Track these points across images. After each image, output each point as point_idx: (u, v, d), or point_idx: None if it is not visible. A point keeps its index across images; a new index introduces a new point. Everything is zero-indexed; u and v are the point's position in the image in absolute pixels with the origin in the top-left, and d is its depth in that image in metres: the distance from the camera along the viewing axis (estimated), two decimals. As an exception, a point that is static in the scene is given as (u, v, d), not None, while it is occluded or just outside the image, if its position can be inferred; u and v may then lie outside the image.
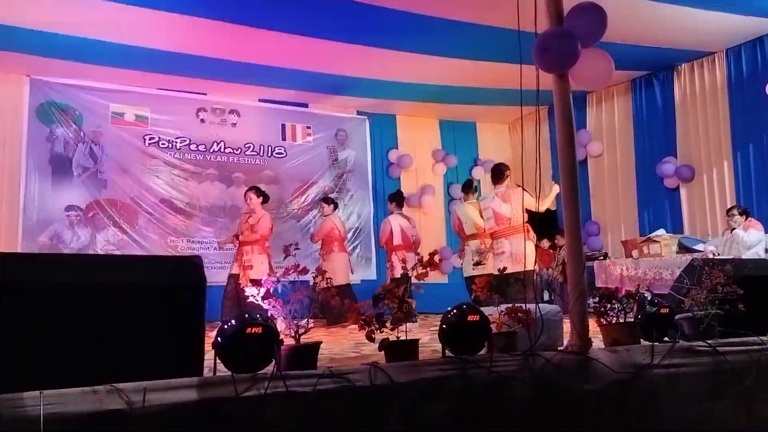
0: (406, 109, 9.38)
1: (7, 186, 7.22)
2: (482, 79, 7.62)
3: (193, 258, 2.50)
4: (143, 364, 2.28)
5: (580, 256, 3.00)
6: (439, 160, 9.74)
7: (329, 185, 9.14)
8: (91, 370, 2.21)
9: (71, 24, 6.12)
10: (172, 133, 8.20)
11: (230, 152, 8.54)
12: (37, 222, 7.32)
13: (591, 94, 8.88)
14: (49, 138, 7.54)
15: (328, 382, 2.50)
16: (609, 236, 8.60)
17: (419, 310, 6.55)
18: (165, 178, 8.09)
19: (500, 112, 9.34)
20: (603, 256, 7.71)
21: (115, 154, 7.83)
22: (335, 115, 9.31)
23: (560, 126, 3.01)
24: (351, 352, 4.14)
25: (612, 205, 8.67)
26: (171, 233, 7.99)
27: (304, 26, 6.37)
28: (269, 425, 2.34)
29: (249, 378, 2.38)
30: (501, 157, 9.98)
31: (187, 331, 2.42)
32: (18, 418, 1.94)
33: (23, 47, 6.60)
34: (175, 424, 2.17)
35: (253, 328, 2.42)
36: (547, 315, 3.05)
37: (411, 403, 2.59)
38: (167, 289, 2.38)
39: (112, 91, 7.84)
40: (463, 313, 2.81)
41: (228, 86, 8.11)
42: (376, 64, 7.33)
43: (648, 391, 2.96)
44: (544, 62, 2.94)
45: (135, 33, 6.37)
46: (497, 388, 2.71)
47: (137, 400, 2.13)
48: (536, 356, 2.81)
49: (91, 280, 2.27)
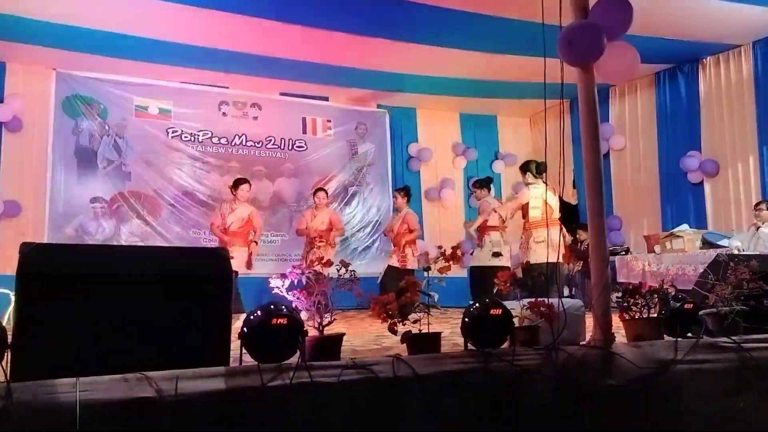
0: (426, 102, 9.37)
1: (34, 178, 7.35)
2: (504, 72, 7.59)
3: (219, 249, 2.55)
4: (171, 353, 2.32)
5: (604, 250, 2.99)
6: (459, 154, 9.72)
7: (349, 179, 9.17)
8: (121, 358, 2.26)
9: (96, 18, 6.20)
10: (194, 126, 8.28)
11: (252, 145, 8.60)
12: (63, 213, 7.45)
13: (614, 88, 8.79)
14: (74, 131, 7.65)
15: (351, 373, 2.53)
16: (631, 231, 8.53)
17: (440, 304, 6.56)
18: (188, 170, 8.18)
19: (521, 106, 9.29)
20: (625, 251, 7.65)
21: (139, 147, 7.93)
22: (355, 108, 9.33)
23: (585, 119, 2.99)
24: (372, 344, 4.16)
25: (634, 199, 8.59)
26: (193, 225, 8.08)
27: (325, 19, 6.38)
28: (294, 414, 2.37)
29: (274, 368, 2.42)
30: (522, 151, 9.96)
31: (214, 321, 2.46)
32: (54, 404, 2.00)
33: (49, 41, 6.70)
34: (202, 411, 2.22)
35: (279, 319, 2.46)
36: (569, 309, 3.04)
37: (433, 395, 2.61)
38: (195, 280, 2.42)
39: (136, 84, 7.93)
40: (486, 307, 2.82)
41: (250, 80, 8.16)
42: (397, 57, 7.32)
43: (671, 387, 2.95)
44: (569, 56, 2.93)
45: (159, 27, 6.44)
46: (519, 381, 2.71)
47: (166, 387, 2.17)
48: (559, 350, 2.81)
49: (122, 270, 2.32)
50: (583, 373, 2.78)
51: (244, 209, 6.68)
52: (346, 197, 9.12)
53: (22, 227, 7.15)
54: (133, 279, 2.32)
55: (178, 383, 2.17)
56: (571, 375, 2.75)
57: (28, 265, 2.16)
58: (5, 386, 2.01)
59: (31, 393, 2.03)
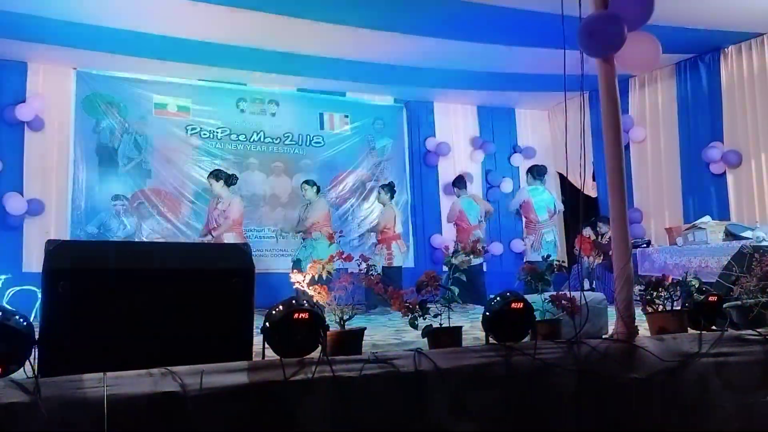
0: (443, 96, 9.33)
1: (57, 176, 7.45)
2: (522, 64, 7.53)
3: (242, 245, 2.57)
4: (194, 348, 2.35)
5: (627, 242, 2.96)
6: (477, 148, 9.67)
7: (366, 174, 9.17)
8: (145, 353, 2.29)
9: (115, 17, 6.26)
10: (213, 123, 8.33)
11: (270, 142, 8.64)
12: (85, 211, 7.54)
13: (634, 78, 8.68)
14: (95, 129, 7.74)
15: (373, 368, 2.54)
16: (652, 223, 8.43)
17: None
18: (207, 167, 8.21)
19: (540, 98, 9.21)
20: (646, 244, 7.57)
21: (159, 145, 8.00)
22: (372, 103, 9.32)
23: (606, 111, 2.96)
24: (392, 339, 4.17)
25: (655, 191, 8.49)
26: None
27: (341, 15, 6.38)
28: (317, 409, 2.39)
29: (296, 362, 2.43)
30: (540, 144, 9.90)
31: (237, 316, 2.48)
32: (81, 400, 2.03)
33: (69, 41, 6.78)
34: (226, 405, 2.24)
35: (300, 313, 2.47)
36: (591, 302, 3.02)
37: (455, 389, 2.61)
38: (218, 275, 2.44)
39: (155, 82, 8.00)
40: (507, 301, 2.81)
41: (267, 76, 8.19)
42: (414, 51, 7.29)
43: (696, 380, 2.92)
44: (589, 47, 2.90)
45: (177, 25, 6.48)
46: (541, 375, 2.70)
47: (190, 382, 2.20)
48: (581, 344, 2.80)
49: (147, 266, 2.35)
50: (606, 366, 2.77)
51: (224, 202, 6.66)
52: (364, 192, 9.12)
53: (45, 225, 7.26)
54: (157, 275, 2.34)
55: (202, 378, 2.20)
56: (594, 368, 2.74)
57: (54, 261, 2.20)
58: (33, 382, 2.05)
59: (59, 388, 2.07)
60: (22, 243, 7.16)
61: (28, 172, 7.27)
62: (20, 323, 2.10)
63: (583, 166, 3.01)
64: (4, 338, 2.04)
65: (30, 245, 7.15)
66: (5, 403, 1.99)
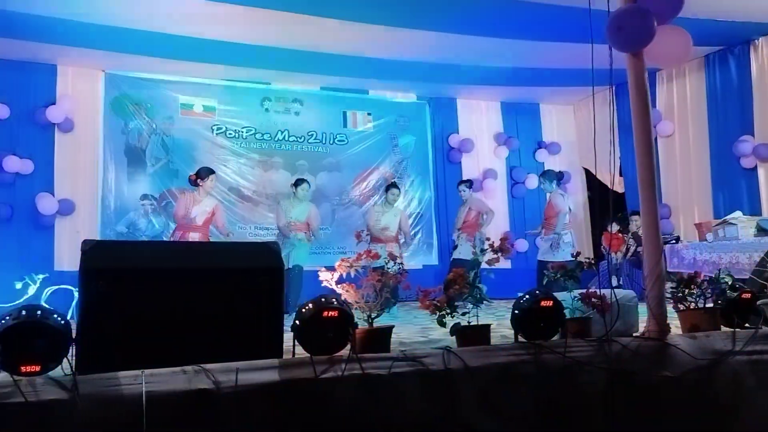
0: (466, 92, 9.28)
1: (87, 177, 7.59)
2: (547, 59, 7.46)
3: (271, 244, 2.59)
4: (226, 345, 2.38)
5: (658, 238, 2.93)
6: (501, 144, 9.61)
7: (390, 171, 9.17)
8: (179, 350, 2.32)
9: (142, 19, 6.34)
10: (238, 123, 8.41)
11: (294, 140, 8.69)
12: (115, 211, 7.67)
13: (661, 72, 8.55)
14: (123, 130, 7.86)
15: (402, 365, 2.54)
16: (681, 219, 8.30)
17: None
18: (233, 166, 8.32)
19: (565, 93, 9.12)
20: (675, 240, 7.46)
21: (185, 145, 8.10)
22: (395, 100, 9.32)
23: (635, 106, 2.93)
24: (419, 337, 4.17)
25: (684, 186, 8.36)
26: (239, 220, 8.22)
27: (364, 13, 6.38)
28: (347, 406, 2.40)
29: (326, 360, 2.45)
30: (566, 139, 9.81)
31: (267, 313, 2.51)
32: (117, 396, 2.07)
33: (98, 43, 6.89)
34: (258, 403, 2.26)
35: (330, 311, 2.49)
36: (622, 300, 2.99)
37: (485, 387, 2.60)
38: (248, 273, 2.47)
39: (181, 83, 8.10)
40: (536, 299, 2.79)
41: (291, 75, 8.24)
42: (436, 48, 7.27)
43: (730, 379, 2.88)
44: (618, 42, 2.87)
45: (202, 26, 6.54)
46: (572, 373, 2.69)
47: (223, 379, 2.23)
48: (612, 342, 2.77)
49: (180, 265, 2.39)
50: (637, 364, 2.74)
51: (208, 202, 6.53)
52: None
53: (76, 225, 7.40)
54: (189, 273, 2.38)
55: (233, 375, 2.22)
56: (625, 367, 2.71)
57: (91, 261, 2.24)
58: (71, 379, 2.09)
59: (96, 385, 2.11)
60: (54, 242, 7.31)
61: (58, 173, 7.41)
62: (58, 322, 2.14)
63: (612, 161, 2.97)
64: (42, 336, 2.09)
65: (61, 244, 7.30)
66: (44, 400, 2.04)
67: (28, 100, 7.33)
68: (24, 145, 7.25)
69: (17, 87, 7.27)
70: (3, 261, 6.91)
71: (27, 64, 7.27)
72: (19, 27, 6.31)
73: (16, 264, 6.64)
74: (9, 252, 6.99)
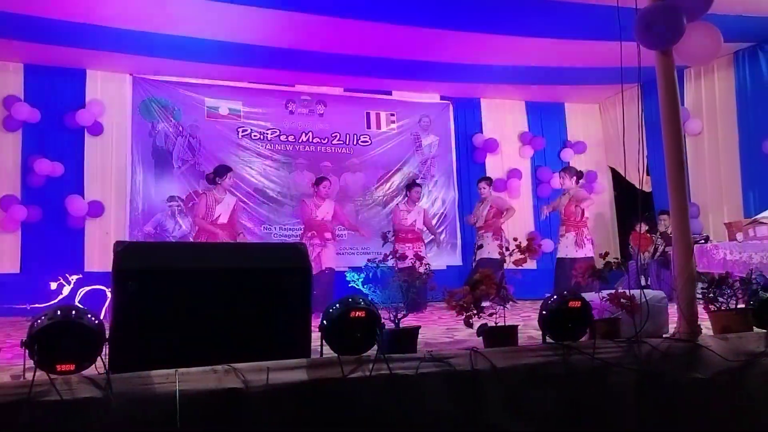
0: (490, 91, 9.23)
1: (115, 179, 7.71)
2: (573, 58, 7.39)
3: (299, 245, 2.61)
4: (255, 345, 2.41)
5: (688, 239, 2.89)
6: (526, 143, 9.54)
7: (413, 171, 9.16)
8: (209, 350, 2.35)
9: (168, 23, 6.43)
10: (263, 125, 8.47)
11: (318, 142, 8.73)
12: (143, 212, 7.78)
13: (689, 69, 8.41)
14: (151, 133, 7.97)
15: (429, 366, 2.55)
16: (710, 218, 8.16)
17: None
18: (258, 168, 8.38)
19: (591, 92, 9.03)
20: (704, 240, 7.34)
21: (211, 147, 8.18)
22: (418, 101, 9.30)
23: (664, 104, 2.89)
24: (444, 338, 4.17)
25: (713, 185, 8.21)
26: (264, 221, 8.28)
27: (387, 13, 6.39)
28: (374, 406, 2.41)
29: (354, 360, 2.46)
30: (591, 139, 9.70)
31: (295, 313, 2.53)
32: (150, 394, 2.11)
33: (126, 48, 7.00)
34: (286, 401, 2.29)
35: (357, 312, 2.50)
36: (651, 301, 2.95)
37: (512, 388, 2.59)
38: (277, 274, 2.49)
39: (207, 86, 8.18)
40: (564, 299, 2.77)
41: (315, 77, 8.27)
42: (460, 47, 7.25)
43: (762, 381, 2.83)
44: (647, 39, 2.83)
45: (227, 29, 6.61)
46: (601, 375, 2.66)
47: (252, 379, 2.25)
48: (642, 343, 2.74)
49: (210, 266, 2.42)
50: (667, 366, 2.71)
51: (229, 200, 6.54)
52: (411, 190, 9.11)
53: (105, 226, 7.52)
54: (220, 274, 2.41)
55: (263, 374, 2.25)
56: (655, 368, 2.68)
57: (123, 262, 2.28)
58: (105, 378, 2.13)
59: (129, 384, 2.15)
60: (84, 244, 7.44)
61: (88, 175, 7.54)
62: (92, 321, 2.18)
63: (641, 160, 2.94)
64: (77, 336, 2.13)
65: (91, 246, 7.43)
66: (79, 398, 2.08)
67: (59, 104, 7.47)
68: (54, 148, 7.38)
69: (48, 91, 7.41)
70: (35, 262, 7.07)
71: (57, 69, 7.41)
72: (49, 33, 6.44)
73: (47, 265, 6.78)
74: (40, 253, 7.14)
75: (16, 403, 2.00)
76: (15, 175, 7.23)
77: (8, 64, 7.27)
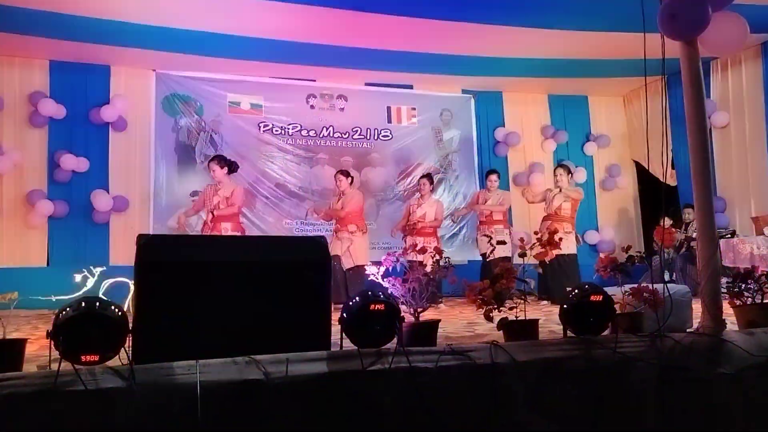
0: (513, 85, 9.16)
1: (139, 174, 7.81)
2: (596, 50, 7.29)
3: (319, 238, 2.62)
4: (275, 337, 2.42)
5: (713, 232, 2.84)
6: (549, 137, 9.45)
7: (435, 166, 9.13)
8: (230, 342, 2.38)
9: (190, 19, 6.48)
10: (284, 120, 8.50)
11: (339, 137, 8.74)
12: (166, 207, 7.87)
13: (715, 61, 8.26)
14: (174, 128, 8.06)
15: (449, 359, 2.54)
16: (737, 212, 8.02)
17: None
18: (279, 163, 8.43)
19: (614, 84, 8.91)
20: (731, 234, 7.21)
21: (233, 142, 8.24)
22: (439, 95, 9.26)
23: (689, 96, 2.84)
24: (465, 331, 4.16)
25: (740, 179, 8.06)
26: (286, 216, 8.33)
27: (408, 6, 6.36)
28: (394, 399, 2.42)
29: (374, 353, 2.47)
30: (615, 132, 9.59)
31: (315, 306, 2.54)
32: (172, 385, 2.13)
33: (149, 43, 7.07)
34: (307, 393, 2.30)
35: (377, 305, 2.51)
36: (675, 295, 2.91)
37: (533, 382, 2.58)
38: (297, 267, 2.51)
39: (229, 81, 8.24)
40: (586, 294, 2.75)
41: (335, 71, 8.28)
42: (482, 40, 7.20)
43: (790, 377, 2.78)
44: (671, 30, 2.78)
45: (248, 24, 6.64)
46: (622, 369, 2.64)
47: (272, 370, 2.27)
48: (665, 337, 2.71)
49: (231, 259, 2.44)
50: (691, 360, 2.67)
51: (227, 187, 6.38)
52: (432, 185, 9.08)
53: (130, 221, 7.63)
54: (240, 267, 2.43)
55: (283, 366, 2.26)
56: (679, 363, 2.64)
57: (146, 255, 2.31)
58: (128, 368, 2.17)
59: (152, 374, 2.18)
60: (109, 237, 7.56)
61: (113, 170, 7.65)
62: (115, 313, 2.22)
63: (665, 153, 2.89)
64: (101, 327, 2.16)
65: (116, 239, 7.54)
66: (103, 388, 2.12)
67: (83, 100, 7.58)
68: (80, 143, 7.51)
69: (73, 88, 7.54)
70: (61, 256, 7.20)
71: (82, 66, 7.53)
72: (74, 29, 6.54)
73: (73, 259, 6.91)
74: (67, 247, 7.28)
75: (42, 392, 2.04)
76: (42, 171, 7.37)
77: (34, 61, 7.40)
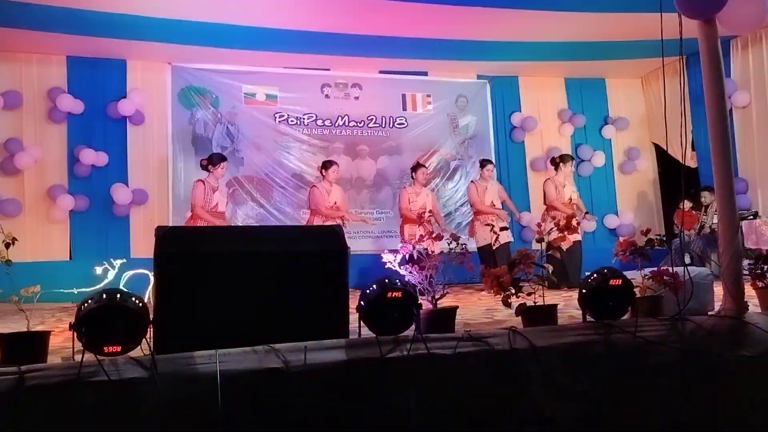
0: (528, 69, 9.05)
1: (157, 166, 7.88)
2: (613, 32, 7.18)
3: (335, 227, 2.63)
4: (294, 326, 2.44)
5: (733, 214, 2.80)
6: (566, 121, 9.34)
7: (451, 152, 9.08)
8: (249, 331, 2.40)
9: (204, 11, 6.50)
10: (299, 110, 8.50)
11: (354, 125, 8.73)
12: (184, 198, 7.91)
13: (735, 40, 8.10)
14: (190, 120, 8.10)
15: (467, 345, 2.55)
16: (759, 193, 7.88)
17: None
18: (295, 153, 8.45)
19: (632, 66, 8.77)
20: (753, 215, 7.10)
21: (250, 133, 8.27)
22: (455, 81, 9.19)
23: (708, 76, 2.79)
24: (483, 318, 4.15)
25: (762, 159, 7.92)
26: (303, 206, 8.32)
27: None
28: (413, 385, 2.43)
29: (391, 340, 2.48)
30: (633, 114, 9.45)
31: (333, 294, 2.55)
32: (193, 374, 2.16)
33: (164, 36, 7.11)
34: (326, 381, 2.32)
35: (394, 292, 2.51)
36: (696, 278, 2.88)
37: (552, 367, 2.57)
38: (314, 256, 2.52)
39: (244, 72, 8.25)
40: (605, 278, 2.73)
41: (350, 60, 8.25)
42: (497, 25, 7.12)
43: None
44: (689, 8, 2.73)
45: (261, 15, 6.64)
46: (643, 353, 2.62)
47: (292, 359, 2.29)
48: (685, 321, 2.68)
49: (249, 249, 2.46)
50: (713, 344, 2.64)
51: (223, 188, 6.48)
52: (449, 172, 9.05)
53: (149, 213, 7.71)
54: (258, 257, 2.45)
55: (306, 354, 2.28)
56: (700, 346, 2.62)
57: (165, 246, 2.34)
58: (150, 358, 2.20)
59: (173, 364, 2.21)
60: (129, 230, 7.65)
61: (131, 164, 7.72)
62: (136, 304, 2.25)
63: (684, 135, 2.85)
64: (123, 318, 2.20)
65: (136, 232, 7.63)
66: (126, 378, 2.15)
67: (101, 95, 7.65)
68: (98, 138, 7.59)
69: (90, 83, 7.60)
70: (83, 249, 7.30)
71: (99, 60, 7.58)
72: (90, 24, 6.58)
73: (95, 252, 7.00)
74: (89, 240, 7.37)
75: (66, 383, 2.08)
76: (62, 166, 7.46)
77: (51, 57, 7.47)
